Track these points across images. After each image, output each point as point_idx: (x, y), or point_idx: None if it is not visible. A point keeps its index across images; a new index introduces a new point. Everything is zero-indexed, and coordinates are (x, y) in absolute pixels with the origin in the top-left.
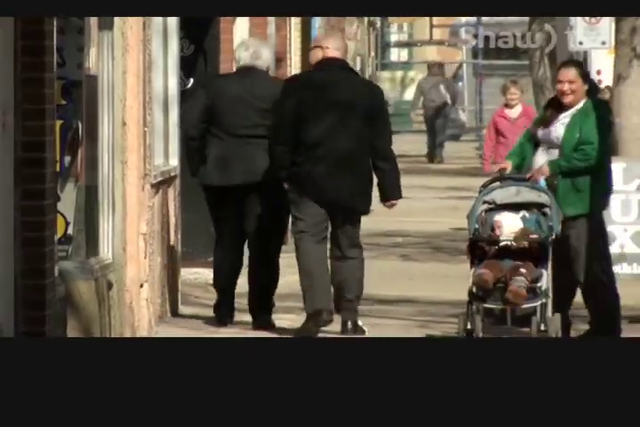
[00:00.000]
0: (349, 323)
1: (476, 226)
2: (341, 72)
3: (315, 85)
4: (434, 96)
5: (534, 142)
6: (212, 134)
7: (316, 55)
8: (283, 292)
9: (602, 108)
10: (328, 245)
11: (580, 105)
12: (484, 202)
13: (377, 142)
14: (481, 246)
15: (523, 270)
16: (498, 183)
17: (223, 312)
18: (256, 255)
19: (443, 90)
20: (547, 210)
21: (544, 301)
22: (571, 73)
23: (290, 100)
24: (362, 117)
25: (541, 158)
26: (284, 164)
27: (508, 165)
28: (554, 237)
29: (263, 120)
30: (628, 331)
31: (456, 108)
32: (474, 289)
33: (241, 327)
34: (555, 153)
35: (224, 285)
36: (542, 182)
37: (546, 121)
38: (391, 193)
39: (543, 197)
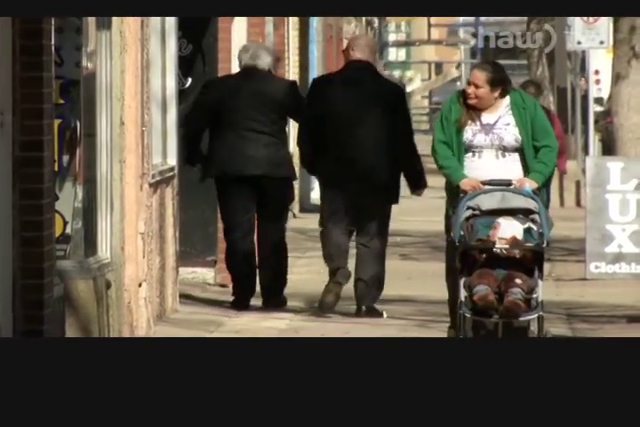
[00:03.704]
0: (363, 307)
1: (462, 233)
2: (362, 73)
3: (336, 87)
4: None
5: (462, 148)
6: (215, 130)
7: (346, 57)
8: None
9: (525, 97)
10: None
11: (508, 101)
12: (469, 208)
13: (396, 137)
14: (472, 254)
15: (518, 281)
16: (482, 188)
17: (237, 298)
18: (264, 240)
19: None
20: (535, 216)
21: (541, 313)
22: (479, 77)
23: (312, 101)
24: (382, 115)
25: (500, 164)
26: (308, 159)
27: (480, 184)
28: (545, 244)
29: (265, 116)
30: (628, 330)
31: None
32: (463, 300)
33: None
34: (514, 157)
35: (235, 271)
36: (528, 188)
37: (464, 125)
38: (415, 183)
39: (530, 203)
